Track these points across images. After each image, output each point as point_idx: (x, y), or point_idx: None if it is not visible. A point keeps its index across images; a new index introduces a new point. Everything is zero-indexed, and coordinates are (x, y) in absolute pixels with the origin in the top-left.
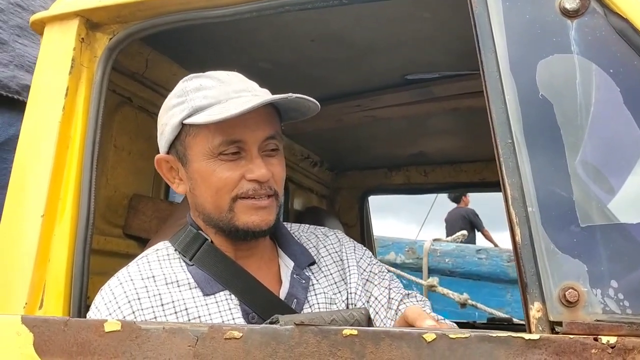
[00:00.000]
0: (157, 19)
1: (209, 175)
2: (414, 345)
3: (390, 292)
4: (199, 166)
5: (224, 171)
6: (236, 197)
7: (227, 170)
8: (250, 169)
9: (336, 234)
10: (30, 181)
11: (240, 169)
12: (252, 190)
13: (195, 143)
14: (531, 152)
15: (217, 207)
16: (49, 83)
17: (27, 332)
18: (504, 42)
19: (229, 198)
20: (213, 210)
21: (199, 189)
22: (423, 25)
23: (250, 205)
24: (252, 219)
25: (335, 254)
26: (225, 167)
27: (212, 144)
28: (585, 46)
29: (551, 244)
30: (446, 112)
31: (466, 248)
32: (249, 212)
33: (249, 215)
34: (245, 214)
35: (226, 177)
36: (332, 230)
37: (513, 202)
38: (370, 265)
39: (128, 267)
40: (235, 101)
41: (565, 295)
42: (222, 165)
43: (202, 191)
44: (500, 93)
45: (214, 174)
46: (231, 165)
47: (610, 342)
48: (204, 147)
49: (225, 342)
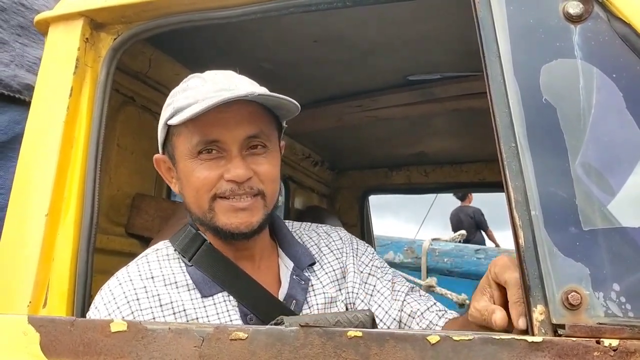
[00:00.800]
0: (162, 20)
1: (189, 175)
2: (418, 347)
3: (394, 284)
4: (183, 166)
5: (202, 171)
6: (215, 197)
7: (205, 169)
8: (228, 168)
9: (338, 231)
10: (34, 180)
11: (220, 169)
12: (230, 190)
13: (179, 143)
14: (534, 155)
15: (199, 207)
16: (53, 83)
17: (33, 331)
18: (507, 46)
19: (208, 197)
20: (197, 210)
21: (184, 189)
22: (425, 27)
23: (228, 207)
24: (231, 221)
25: (337, 251)
26: (204, 166)
27: (191, 143)
28: (589, 51)
29: (554, 247)
30: (447, 113)
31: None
32: (228, 214)
33: (228, 217)
34: (224, 215)
35: (204, 176)
36: (334, 228)
37: (516, 205)
38: (373, 260)
39: (128, 267)
40: (210, 100)
41: (567, 298)
42: (202, 165)
43: (187, 191)
44: (504, 97)
45: (193, 174)
46: (210, 165)
47: (613, 345)
48: (185, 147)
49: (230, 342)
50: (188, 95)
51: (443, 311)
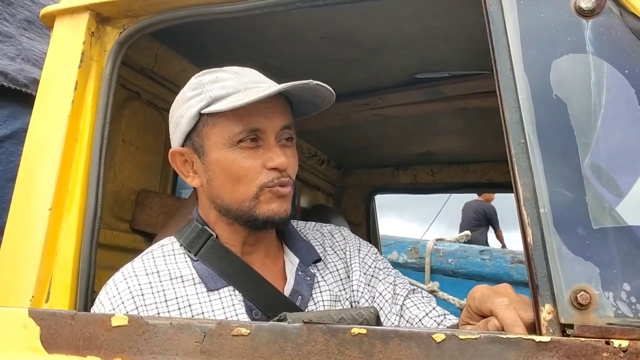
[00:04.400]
0: (168, 14)
1: (228, 165)
2: (423, 345)
3: (396, 287)
4: (218, 156)
5: (245, 160)
6: (263, 186)
7: (247, 158)
8: (270, 157)
9: (341, 231)
10: (38, 174)
11: (260, 158)
12: (276, 178)
13: (214, 133)
14: (544, 152)
15: (237, 197)
16: (58, 77)
17: (33, 325)
18: (518, 41)
19: (255, 187)
20: (232, 201)
21: (218, 180)
22: (433, 24)
23: (275, 193)
24: (272, 206)
25: (340, 251)
26: (245, 155)
27: (232, 132)
28: (601, 46)
29: (563, 246)
30: (455, 112)
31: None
32: (272, 200)
33: (271, 203)
34: (268, 202)
35: (248, 165)
36: (338, 228)
37: (525, 203)
38: (376, 262)
39: (133, 262)
40: (253, 90)
41: (576, 298)
42: (243, 154)
43: (222, 181)
44: (513, 92)
45: (235, 163)
46: (251, 154)
47: (622, 346)
48: (223, 136)
49: (232, 338)
50: (224, 85)
51: (442, 316)
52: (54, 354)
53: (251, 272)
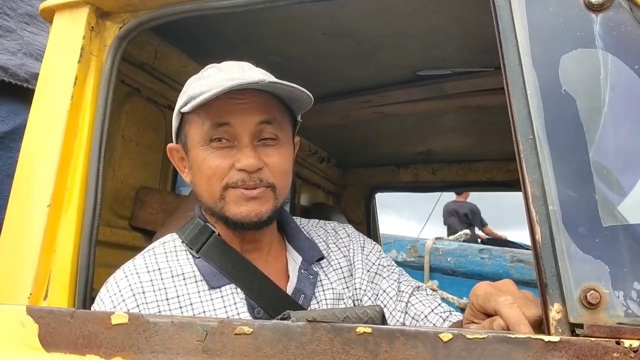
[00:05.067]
0: (168, 9)
1: (201, 163)
2: (430, 345)
3: (400, 284)
4: (195, 154)
5: (214, 159)
6: (227, 186)
7: (217, 158)
8: (239, 158)
9: (345, 228)
10: (37, 170)
11: (231, 158)
12: (241, 180)
13: (191, 131)
14: (553, 149)
15: (210, 196)
16: (57, 71)
17: (32, 322)
18: (526, 35)
19: (220, 186)
20: (208, 199)
21: (196, 178)
22: (436, 21)
23: (239, 195)
24: (240, 209)
25: (344, 248)
26: (216, 154)
27: (203, 129)
28: (610, 41)
29: (572, 244)
30: (456, 110)
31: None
32: (238, 203)
33: (238, 206)
34: (234, 204)
35: (216, 165)
36: (342, 225)
37: (533, 200)
38: (379, 259)
39: (134, 259)
40: (223, 88)
41: (586, 297)
42: (214, 153)
43: (198, 179)
44: (521, 88)
45: (205, 162)
46: (222, 154)
47: (633, 346)
48: (197, 135)
49: (235, 337)
50: (202, 83)
51: (447, 312)
52: (53, 352)
53: (253, 270)
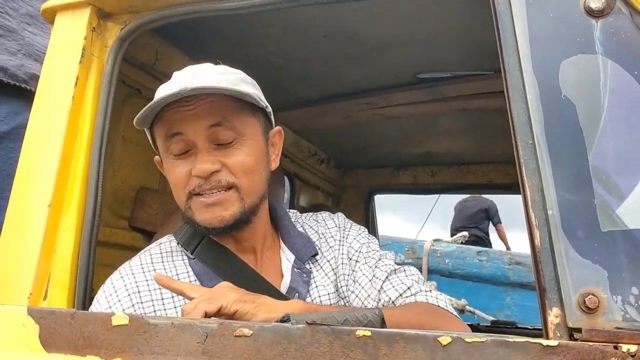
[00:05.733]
0: (169, 10)
1: (168, 173)
2: (429, 348)
3: (376, 270)
4: (164, 164)
5: (176, 168)
6: (190, 194)
7: (178, 167)
8: (194, 164)
9: (334, 219)
10: (37, 171)
11: (189, 165)
12: (198, 186)
13: (158, 143)
14: (552, 154)
15: (180, 204)
16: (58, 72)
17: (33, 323)
18: (526, 40)
19: (184, 195)
20: (180, 206)
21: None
22: (437, 24)
23: (199, 203)
24: (203, 217)
25: (331, 239)
26: (177, 164)
27: (161, 141)
28: (610, 47)
29: (571, 249)
30: (455, 113)
31: (467, 249)
32: (200, 210)
33: (201, 213)
34: (197, 212)
35: (177, 174)
36: (332, 215)
37: (533, 205)
38: (362, 246)
39: (131, 260)
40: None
41: (584, 301)
42: (175, 163)
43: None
44: (521, 93)
45: (170, 172)
46: (182, 162)
47: (631, 351)
48: (161, 146)
49: (235, 339)
50: (159, 91)
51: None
52: (53, 353)
53: (247, 269)
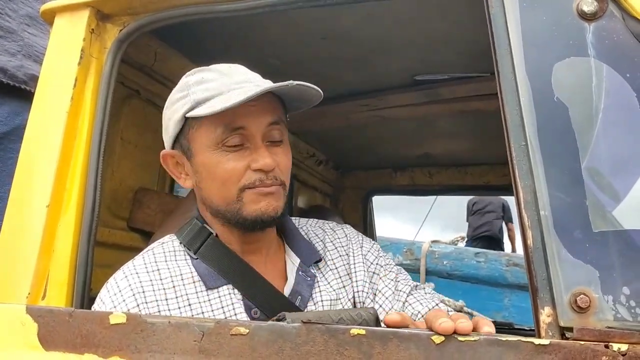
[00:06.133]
0: (169, 12)
1: (213, 167)
2: (423, 347)
3: (398, 284)
4: (204, 158)
5: (229, 162)
6: (243, 188)
7: (232, 161)
8: (255, 158)
9: (344, 228)
10: (36, 171)
11: (245, 159)
12: (259, 180)
13: (199, 135)
14: (545, 155)
15: (224, 199)
16: (57, 73)
17: (31, 322)
18: (520, 43)
19: (236, 189)
20: (220, 203)
21: (205, 182)
22: (434, 26)
23: (257, 193)
24: (259, 206)
25: (341, 248)
26: (229, 157)
27: (215, 134)
28: (602, 49)
29: (563, 249)
30: (453, 114)
31: (465, 251)
32: (257, 200)
33: (257, 203)
34: (252, 202)
35: (231, 168)
36: (340, 225)
37: (525, 205)
38: (377, 258)
39: (134, 260)
40: (236, 92)
41: (576, 301)
42: (227, 156)
43: (208, 184)
44: (514, 95)
45: (219, 166)
46: (235, 156)
47: (622, 350)
48: (208, 139)
49: (231, 338)
50: (207, 87)
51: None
52: (52, 351)
53: (251, 271)
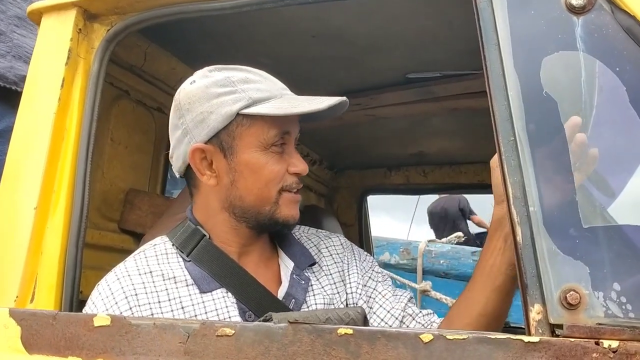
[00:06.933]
0: (156, 11)
1: (260, 167)
2: (411, 346)
3: (396, 290)
4: (250, 157)
5: (275, 164)
6: (282, 190)
7: (277, 163)
8: (293, 162)
9: (339, 237)
10: (23, 173)
11: (285, 163)
12: (295, 183)
13: (249, 134)
14: (534, 150)
15: (262, 199)
16: (45, 74)
17: (14, 325)
18: (508, 37)
19: (276, 190)
20: (257, 203)
21: (245, 181)
22: (426, 23)
23: (291, 199)
24: (292, 212)
25: (337, 255)
26: (275, 159)
27: (268, 135)
28: (591, 43)
29: (553, 245)
30: (447, 112)
31: (461, 250)
32: (290, 205)
33: (290, 209)
34: (287, 206)
35: (277, 169)
36: (336, 235)
37: (514, 201)
38: (373, 267)
39: (125, 262)
40: (288, 97)
41: (566, 298)
42: (273, 158)
43: (249, 183)
44: (503, 89)
45: (267, 166)
46: (279, 159)
47: (612, 347)
48: (258, 139)
49: (217, 339)
50: (259, 87)
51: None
52: (35, 354)
53: (244, 274)
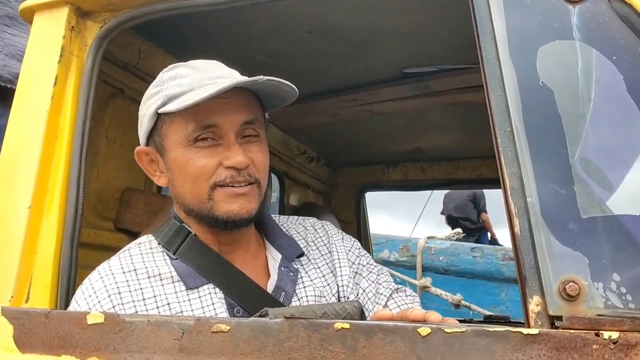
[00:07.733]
0: (149, 7)
1: (185, 164)
2: (408, 340)
3: (379, 286)
4: (176, 155)
5: (200, 159)
6: (215, 185)
7: (203, 157)
8: (227, 155)
9: (324, 226)
10: (17, 172)
11: (217, 156)
12: (230, 177)
13: (171, 132)
14: (531, 141)
15: (195, 197)
16: (37, 72)
17: (7, 324)
18: (503, 27)
19: (207, 186)
20: (192, 201)
21: (177, 180)
22: (421, 17)
23: (229, 193)
24: (232, 207)
25: (323, 246)
26: (201, 154)
27: (187, 130)
28: (588, 32)
29: (551, 236)
30: (444, 107)
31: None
32: (229, 200)
33: (229, 204)
34: (224, 202)
35: (203, 164)
36: (320, 222)
37: (512, 193)
38: (359, 257)
39: (109, 260)
40: (207, 87)
41: (565, 289)
42: (199, 153)
43: (181, 181)
44: (499, 80)
45: (190, 163)
46: (207, 153)
47: (612, 338)
48: (179, 135)
49: (212, 335)
50: (180, 83)
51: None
52: (28, 353)
53: (232, 269)
